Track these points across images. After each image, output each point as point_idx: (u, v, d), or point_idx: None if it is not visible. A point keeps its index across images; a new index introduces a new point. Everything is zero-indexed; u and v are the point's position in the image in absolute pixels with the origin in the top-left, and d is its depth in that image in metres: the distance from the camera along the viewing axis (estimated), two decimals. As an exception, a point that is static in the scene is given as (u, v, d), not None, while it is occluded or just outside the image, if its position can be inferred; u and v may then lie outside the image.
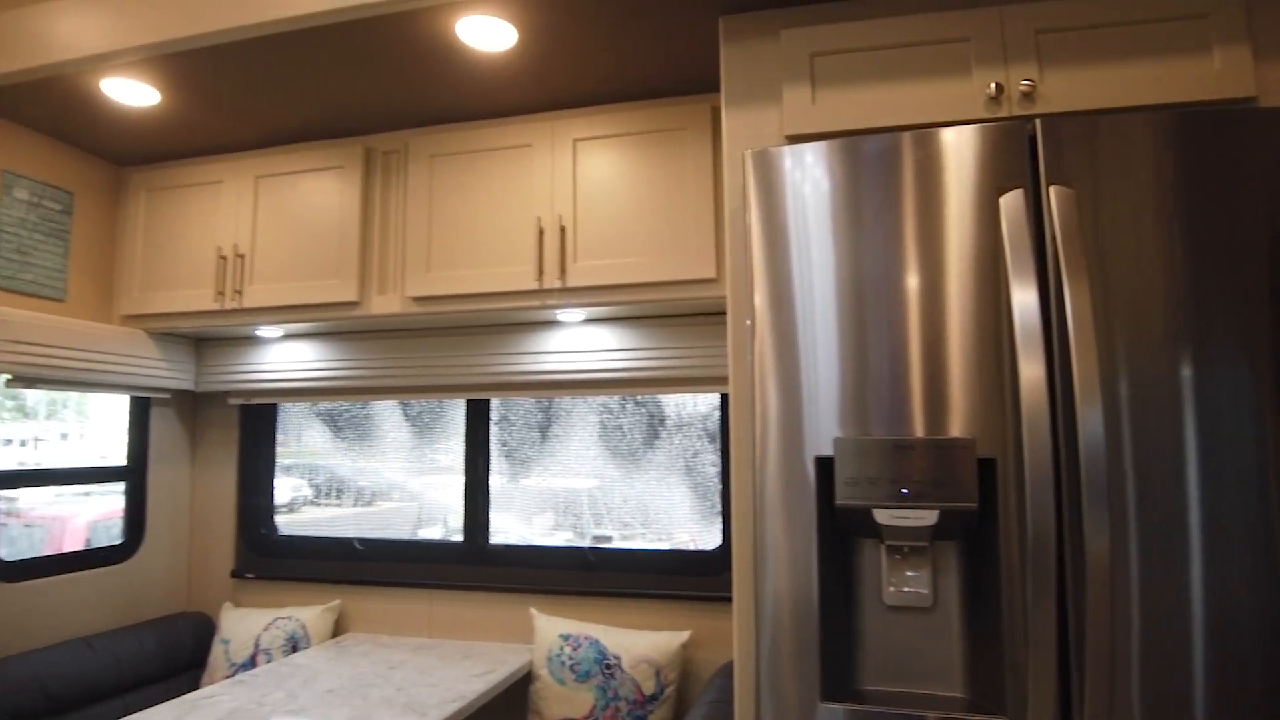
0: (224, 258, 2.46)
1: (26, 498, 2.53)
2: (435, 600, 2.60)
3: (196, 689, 2.53)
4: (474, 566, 2.61)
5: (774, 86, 1.65)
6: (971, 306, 1.27)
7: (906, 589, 1.32)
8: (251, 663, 2.53)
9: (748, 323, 1.40)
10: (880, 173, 1.34)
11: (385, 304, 2.31)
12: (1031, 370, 1.19)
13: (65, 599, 2.44)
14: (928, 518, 1.25)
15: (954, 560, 1.32)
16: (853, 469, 1.28)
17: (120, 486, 2.71)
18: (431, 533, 2.79)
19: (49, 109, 2.30)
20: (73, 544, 2.62)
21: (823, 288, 1.34)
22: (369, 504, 2.89)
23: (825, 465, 1.31)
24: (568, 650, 2.32)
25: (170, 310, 2.53)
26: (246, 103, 2.26)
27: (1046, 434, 1.17)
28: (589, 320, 2.41)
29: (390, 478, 2.87)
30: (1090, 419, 1.16)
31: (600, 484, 2.63)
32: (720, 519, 2.47)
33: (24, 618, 2.32)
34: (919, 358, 1.28)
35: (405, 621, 2.63)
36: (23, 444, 2.70)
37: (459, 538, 2.69)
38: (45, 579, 2.39)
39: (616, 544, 2.58)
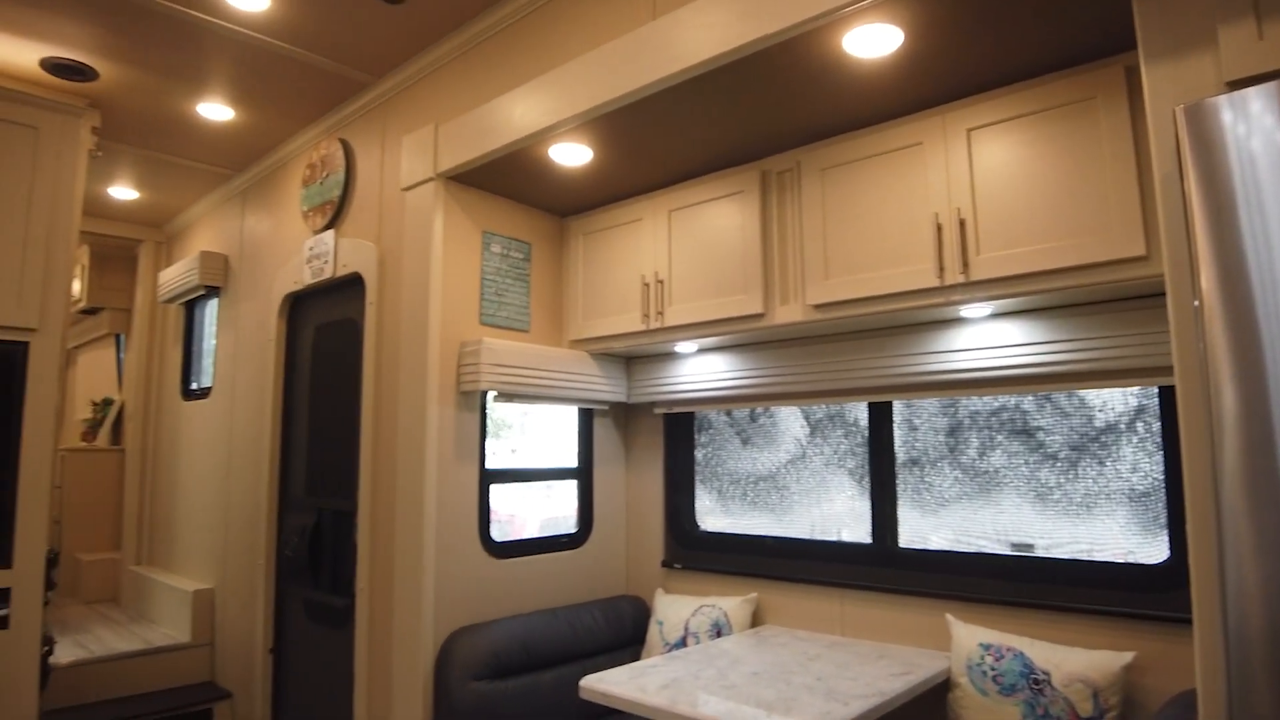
0: (647, 284, 2.82)
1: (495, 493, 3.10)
2: (846, 599, 2.66)
3: (638, 661, 2.89)
4: (883, 569, 2.63)
5: (1203, 29, 1.45)
6: None
7: None
8: (682, 643, 2.82)
9: (1195, 304, 1.25)
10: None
11: (788, 313, 2.46)
12: None
13: (536, 575, 2.97)
14: None
15: None
16: (1353, 460, 1.08)
17: (568, 485, 3.22)
18: (828, 534, 2.86)
19: (512, 178, 2.85)
20: (529, 533, 3.17)
21: (1288, 256, 1.15)
22: (773, 507, 3.06)
23: (1313, 458, 1.12)
24: (989, 660, 2.23)
25: (606, 333, 2.96)
26: (658, 147, 2.57)
27: None
28: (996, 315, 2.30)
29: (794, 480, 3.00)
30: None
31: (1016, 488, 2.48)
32: (1165, 530, 2.18)
33: (508, 588, 2.87)
34: None
35: (817, 618, 2.72)
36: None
37: (856, 539, 2.72)
38: (522, 558, 2.93)
39: (1039, 553, 2.41)
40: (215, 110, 3.50)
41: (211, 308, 4.53)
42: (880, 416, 2.72)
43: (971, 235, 2.08)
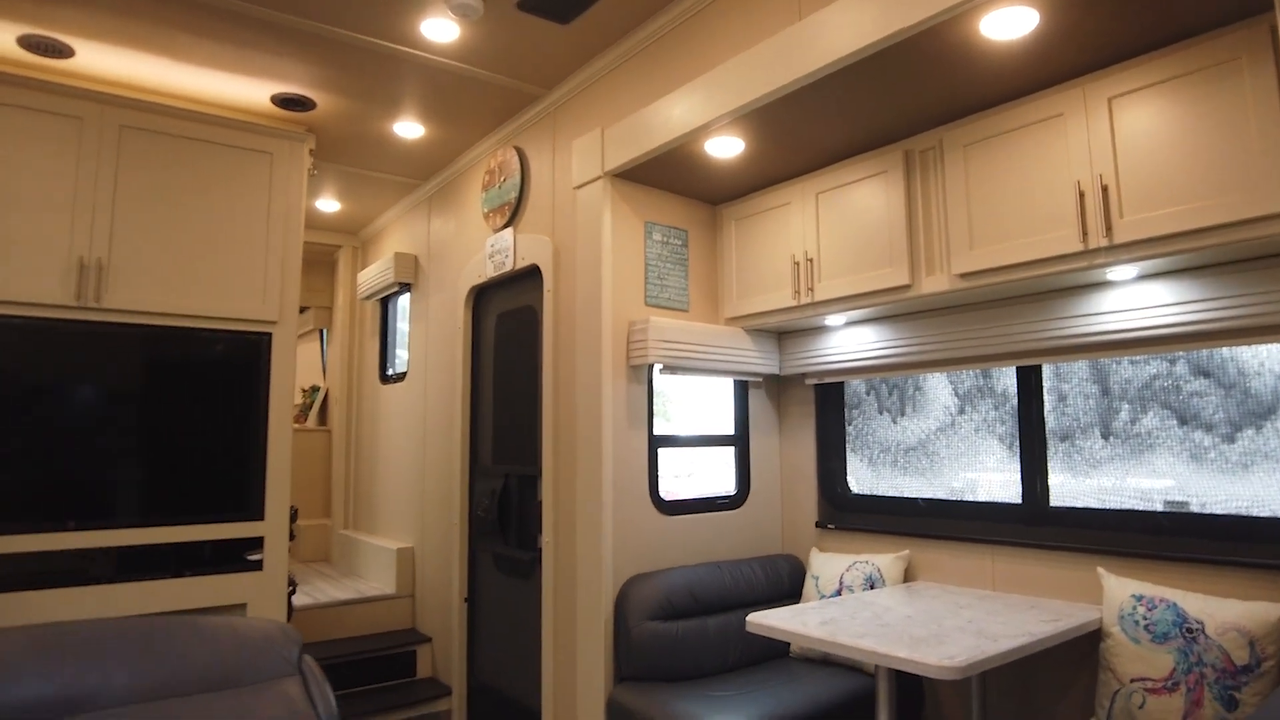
0: (797, 263, 3.04)
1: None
2: (997, 556, 2.78)
3: (797, 613, 3.12)
4: (1034, 526, 2.73)
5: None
6: None
7: None
8: (837, 595, 3.02)
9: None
10: None
11: (934, 283, 2.61)
12: None
13: (700, 532, 3.26)
14: None
15: None
16: None
17: (727, 451, 3.49)
18: (978, 496, 2.98)
19: (670, 172, 3.14)
20: (683, 495, 3.45)
21: None
22: (923, 472, 3.20)
23: None
24: (1141, 610, 2.31)
25: (759, 310, 3.21)
26: (805, 134, 2.78)
27: None
28: (1144, 276, 2.36)
29: (943, 446, 3.13)
30: None
31: (1169, 448, 2.53)
32: (1330, 485, 2.19)
33: (675, 542, 3.18)
34: None
35: (968, 574, 2.86)
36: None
37: (1007, 499, 2.83)
38: (687, 516, 3.23)
39: (1194, 509, 2.45)
40: (408, 128, 4.00)
41: (404, 302, 5.11)
42: (1029, 381, 2.82)
43: (1114, 199, 2.17)
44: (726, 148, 2.89)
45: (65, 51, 3.19)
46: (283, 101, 3.70)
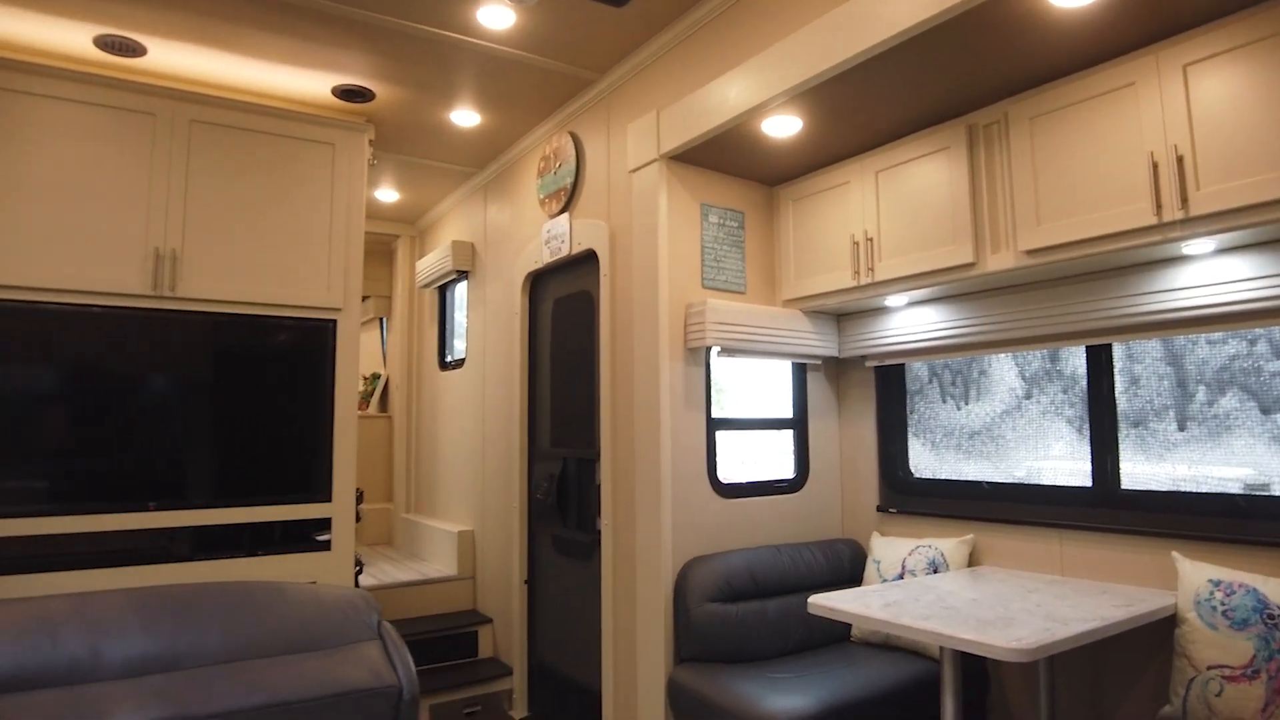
0: (856, 243, 3.00)
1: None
2: (1065, 540, 2.72)
3: (858, 597, 3.09)
4: (1104, 510, 2.66)
5: None
6: None
7: None
8: (899, 579, 2.99)
9: None
10: None
11: (999, 261, 2.55)
12: None
13: (759, 515, 3.25)
14: None
15: None
16: None
17: (785, 434, 3.47)
18: (1045, 480, 2.91)
19: (726, 153, 3.12)
20: (742, 478, 3.44)
21: None
22: (988, 455, 3.14)
23: None
24: (1219, 596, 2.24)
25: (818, 292, 3.18)
26: (864, 111, 2.74)
27: None
28: (1222, 250, 2.27)
29: (1009, 429, 3.07)
30: None
31: (1249, 429, 2.44)
32: None
33: (734, 525, 3.18)
34: None
35: (1034, 559, 2.80)
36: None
37: (1075, 483, 2.76)
38: (745, 499, 3.23)
39: (1275, 492, 2.37)
40: (465, 116, 4.05)
41: (461, 289, 5.19)
42: (1099, 360, 2.74)
43: (1190, 171, 2.09)
44: (783, 127, 2.86)
45: (138, 50, 3.31)
46: (343, 93, 3.78)
